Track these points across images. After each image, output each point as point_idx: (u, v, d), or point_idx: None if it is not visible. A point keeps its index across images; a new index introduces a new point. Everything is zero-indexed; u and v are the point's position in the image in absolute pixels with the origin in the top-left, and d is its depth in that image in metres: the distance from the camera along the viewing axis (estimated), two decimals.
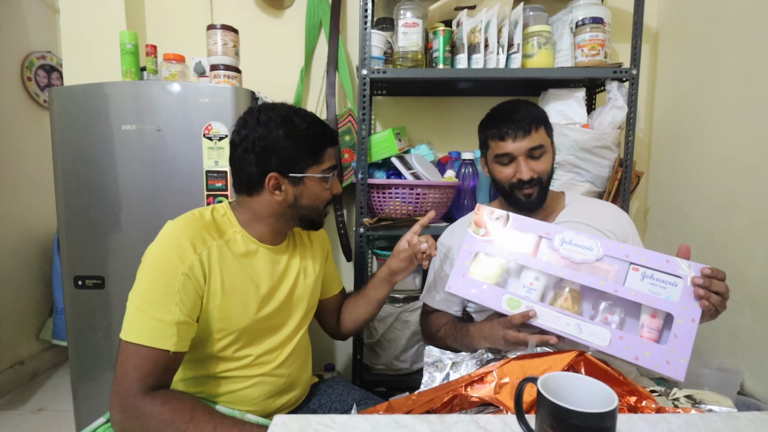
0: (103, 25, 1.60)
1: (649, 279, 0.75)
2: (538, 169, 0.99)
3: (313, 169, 0.88)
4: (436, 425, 0.58)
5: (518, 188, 1.00)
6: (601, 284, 0.77)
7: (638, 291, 0.75)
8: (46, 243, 2.17)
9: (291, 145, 0.84)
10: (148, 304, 0.76)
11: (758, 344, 1.20)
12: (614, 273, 0.77)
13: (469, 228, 0.91)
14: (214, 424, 0.74)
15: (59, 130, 1.29)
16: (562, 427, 0.47)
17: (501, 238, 0.87)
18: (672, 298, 0.74)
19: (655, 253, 0.77)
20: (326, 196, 0.92)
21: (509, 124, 0.98)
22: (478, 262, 0.88)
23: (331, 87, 1.62)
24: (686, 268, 0.74)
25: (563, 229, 0.83)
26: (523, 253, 0.84)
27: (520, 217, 0.88)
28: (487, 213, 0.91)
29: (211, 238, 0.83)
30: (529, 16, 1.39)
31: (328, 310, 1.12)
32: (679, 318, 0.72)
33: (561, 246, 0.82)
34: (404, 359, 1.55)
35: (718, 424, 0.60)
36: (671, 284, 0.74)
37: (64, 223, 1.31)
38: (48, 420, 1.76)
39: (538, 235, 0.84)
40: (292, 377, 0.94)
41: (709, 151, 1.38)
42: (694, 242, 1.43)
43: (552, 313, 0.78)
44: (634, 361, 0.71)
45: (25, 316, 2.07)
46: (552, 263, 0.81)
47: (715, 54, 1.37)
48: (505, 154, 0.99)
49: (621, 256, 0.78)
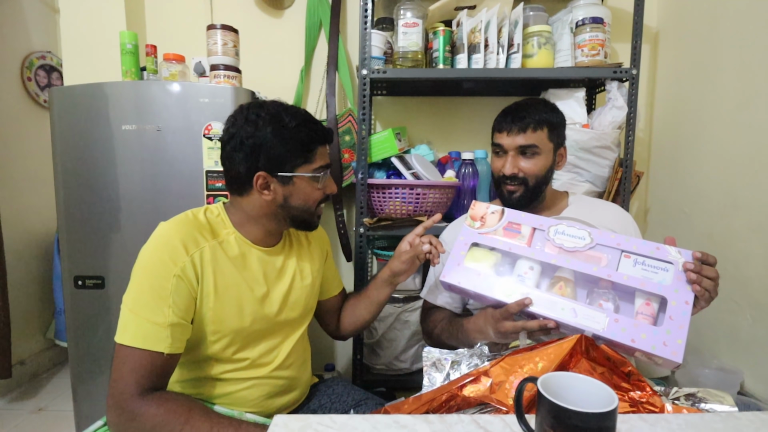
0: (103, 25, 1.60)
1: (641, 265, 0.78)
2: (524, 168, 1.00)
3: (303, 168, 0.86)
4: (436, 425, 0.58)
5: (503, 182, 1.04)
6: (593, 270, 0.79)
7: (631, 276, 0.77)
8: (46, 243, 2.17)
9: (279, 143, 0.82)
10: (142, 306, 0.76)
11: (758, 344, 1.20)
12: (606, 260, 0.80)
13: (465, 221, 0.93)
14: (211, 424, 0.74)
15: (59, 130, 1.29)
16: (562, 427, 0.47)
17: (496, 230, 0.90)
18: (665, 282, 0.75)
19: (645, 241, 0.80)
20: (317, 196, 0.89)
21: (510, 117, 1.01)
22: (474, 252, 0.90)
23: (331, 87, 1.62)
24: (676, 254, 0.76)
25: (556, 222, 0.86)
26: (518, 244, 0.87)
27: (515, 212, 0.91)
28: (482, 207, 0.94)
29: (203, 239, 0.82)
30: (529, 16, 1.39)
31: (329, 310, 1.11)
32: (673, 300, 0.73)
33: (555, 236, 0.85)
34: (404, 359, 1.55)
35: (718, 424, 0.60)
36: (663, 269, 0.76)
37: (64, 223, 1.31)
38: (48, 420, 1.76)
39: (531, 227, 0.87)
40: (291, 379, 0.94)
41: (709, 151, 1.38)
42: (694, 242, 1.44)
43: (547, 297, 0.79)
44: (631, 343, 0.71)
45: (25, 316, 2.07)
46: (546, 251, 0.84)
47: (715, 54, 1.37)
48: (498, 145, 1.03)
49: (612, 244, 0.80)
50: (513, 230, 0.89)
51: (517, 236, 0.88)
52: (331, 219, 1.69)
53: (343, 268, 1.80)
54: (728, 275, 1.29)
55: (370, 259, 1.73)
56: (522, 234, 0.88)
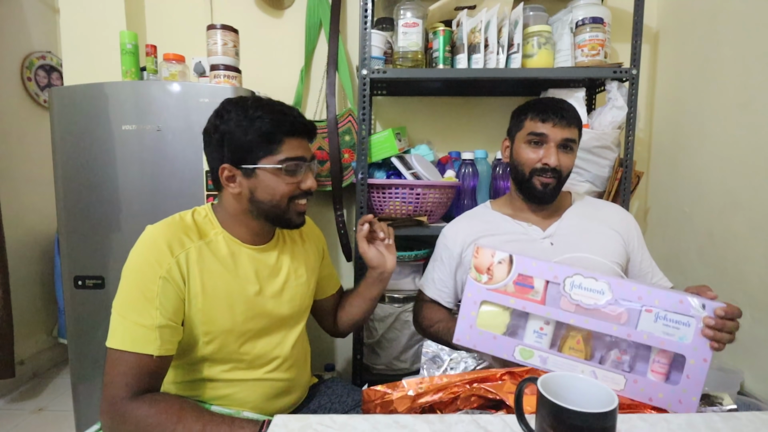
0: (103, 25, 1.60)
1: (662, 320, 0.74)
2: (564, 162, 1.00)
3: (267, 159, 0.82)
4: (436, 425, 0.58)
5: (540, 174, 1.00)
6: (613, 329, 0.75)
7: (651, 334, 0.74)
8: (47, 243, 2.17)
9: (241, 133, 0.80)
10: (129, 309, 0.76)
11: (758, 344, 1.20)
12: (626, 315, 0.75)
13: (470, 274, 0.85)
14: (203, 422, 0.73)
15: (59, 130, 1.29)
16: (562, 427, 0.47)
17: (506, 286, 0.82)
18: (685, 339, 0.72)
19: (668, 292, 0.75)
20: (284, 190, 0.84)
21: (555, 110, 1.00)
22: (485, 311, 0.84)
23: (331, 87, 1.62)
24: (699, 308, 0.73)
25: (571, 271, 0.79)
26: (532, 303, 0.81)
27: (524, 260, 0.82)
28: (487, 256, 0.84)
29: (189, 240, 0.81)
30: (529, 16, 1.39)
31: (326, 309, 1.10)
32: (692, 359, 0.72)
33: (571, 290, 0.78)
34: (404, 359, 1.55)
35: (718, 424, 0.60)
36: (684, 324, 0.73)
37: (64, 223, 1.31)
38: (48, 420, 1.76)
39: (545, 280, 0.81)
40: (289, 381, 0.93)
41: (709, 151, 1.38)
42: (694, 242, 1.44)
43: (565, 361, 0.77)
44: (648, 401, 0.72)
45: (25, 316, 2.07)
46: (562, 308, 0.79)
47: (715, 54, 1.37)
48: (541, 134, 1.00)
49: (633, 298, 0.75)
50: (525, 284, 0.82)
51: (530, 291, 0.81)
52: (331, 219, 1.69)
53: (343, 268, 1.80)
54: (728, 275, 1.29)
55: None
56: (535, 289, 0.81)
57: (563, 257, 0.97)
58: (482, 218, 1.11)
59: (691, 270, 1.44)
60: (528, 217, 1.07)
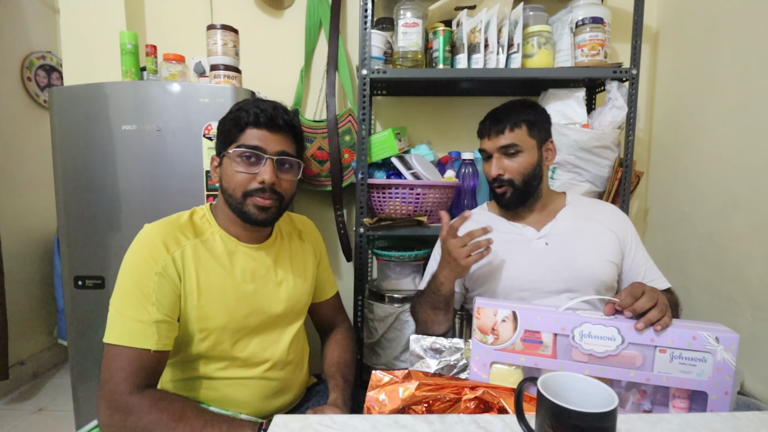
0: (103, 25, 1.60)
1: (678, 359, 0.72)
2: (508, 168, 1.02)
3: (230, 147, 0.84)
4: (436, 425, 0.58)
5: (495, 184, 1.05)
6: (631, 375, 0.74)
7: (669, 375, 0.73)
8: (46, 243, 2.17)
9: (221, 124, 0.87)
10: (126, 305, 0.77)
11: (758, 344, 1.20)
12: (641, 359, 0.74)
13: (475, 336, 0.81)
14: (204, 420, 0.74)
15: (59, 130, 1.29)
16: (562, 427, 0.47)
17: (514, 345, 0.79)
18: (704, 376, 0.71)
19: (680, 329, 0.73)
20: (239, 179, 0.82)
21: (488, 122, 1.05)
22: (496, 371, 0.80)
23: (331, 87, 1.62)
24: (714, 342, 0.72)
25: (578, 320, 0.76)
26: (543, 358, 0.78)
27: (528, 313, 0.78)
28: (490, 316, 0.80)
29: (185, 238, 0.83)
30: (529, 16, 1.39)
31: (322, 313, 1.10)
32: (713, 394, 0.71)
33: (581, 341, 0.76)
34: (404, 359, 1.55)
35: (717, 424, 0.60)
36: (701, 360, 0.72)
37: (64, 223, 1.31)
38: (48, 420, 1.76)
39: (553, 333, 0.78)
40: (284, 380, 0.93)
41: (709, 151, 1.38)
42: (694, 242, 1.44)
43: None
44: None
45: (24, 316, 2.07)
46: (574, 359, 0.76)
47: (715, 54, 1.37)
48: (483, 151, 1.07)
49: (646, 340, 0.74)
50: (533, 341, 0.78)
51: (539, 347, 0.78)
52: (331, 219, 1.69)
53: (343, 268, 1.80)
54: (728, 275, 1.29)
55: (370, 259, 1.73)
56: (544, 344, 0.77)
57: (563, 299, 0.95)
58: (478, 219, 1.11)
59: (691, 270, 1.44)
60: (522, 218, 1.08)
